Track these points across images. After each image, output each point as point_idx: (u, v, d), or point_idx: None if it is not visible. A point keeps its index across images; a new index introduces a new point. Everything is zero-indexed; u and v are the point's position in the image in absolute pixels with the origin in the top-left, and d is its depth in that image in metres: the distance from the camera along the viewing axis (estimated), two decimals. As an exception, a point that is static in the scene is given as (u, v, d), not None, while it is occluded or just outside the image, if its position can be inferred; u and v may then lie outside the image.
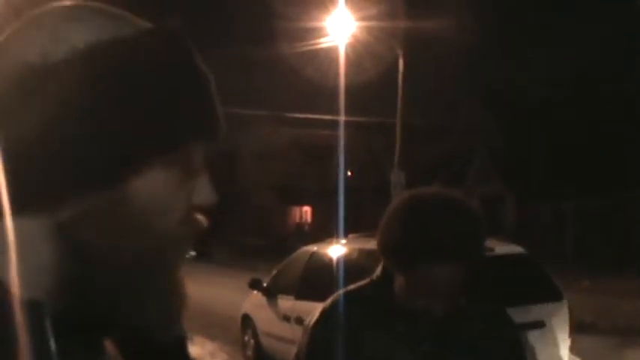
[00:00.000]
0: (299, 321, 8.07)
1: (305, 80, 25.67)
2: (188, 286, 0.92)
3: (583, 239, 23.56)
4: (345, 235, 9.41)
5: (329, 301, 2.20)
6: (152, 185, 0.83)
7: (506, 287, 6.52)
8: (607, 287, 16.14)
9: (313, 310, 2.29)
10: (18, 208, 0.80)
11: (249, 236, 41.26)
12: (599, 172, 25.98)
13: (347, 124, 21.10)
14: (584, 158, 27.27)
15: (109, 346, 0.90)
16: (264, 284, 10.17)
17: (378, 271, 2.17)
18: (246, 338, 10.94)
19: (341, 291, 2.21)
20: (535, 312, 6.88)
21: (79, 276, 0.81)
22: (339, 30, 19.67)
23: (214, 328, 13.53)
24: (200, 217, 0.91)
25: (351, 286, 2.22)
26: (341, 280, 7.12)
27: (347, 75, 19.36)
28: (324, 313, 2.17)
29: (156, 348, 0.95)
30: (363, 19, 19.66)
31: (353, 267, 7.26)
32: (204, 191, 0.90)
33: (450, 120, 34.31)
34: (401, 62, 20.00)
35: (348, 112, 20.27)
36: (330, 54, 20.36)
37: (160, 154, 0.83)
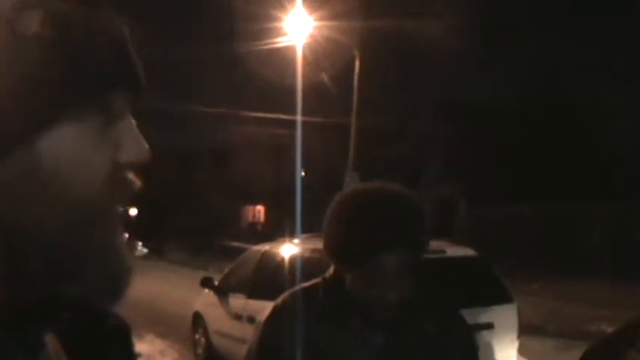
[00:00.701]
0: (250, 320, 8.05)
1: (262, 79, 25.63)
2: (139, 283, 0.87)
3: (534, 243, 23.86)
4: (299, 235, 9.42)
5: (281, 298, 2.20)
6: (65, 143, 0.74)
7: (457, 289, 6.57)
8: (556, 291, 16.39)
9: (265, 309, 2.28)
10: None
11: (202, 234, 41.04)
12: (551, 178, 26.37)
13: (302, 123, 21.14)
14: (537, 163, 27.64)
15: (50, 341, 0.83)
16: (216, 283, 10.14)
17: (331, 270, 2.18)
18: (197, 336, 10.88)
19: (293, 289, 2.22)
20: (485, 314, 6.94)
21: (4, 260, 0.73)
22: (296, 30, 19.69)
23: (165, 325, 13.44)
24: (132, 176, 0.82)
25: (304, 284, 2.23)
26: (293, 279, 7.12)
27: (304, 75, 19.38)
28: (276, 310, 2.17)
29: (99, 340, 0.91)
30: (321, 19, 19.71)
31: (305, 266, 7.26)
32: (132, 146, 0.81)
33: (406, 122, 34.51)
34: (357, 63, 20.07)
35: (303, 112, 20.32)
36: (287, 54, 20.36)
37: (68, 106, 0.74)
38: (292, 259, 8.06)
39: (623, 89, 28.34)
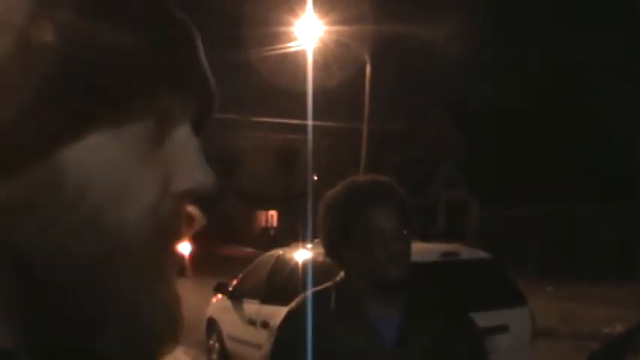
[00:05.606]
0: (264, 325, 8.05)
1: (272, 84, 25.66)
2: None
3: (547, 245, 23.78)
4: (311, 239, 9.42)
5: (295, 302, 2.24)
6: (97, 156, 0.61)
7: (471, 291, 6.56)
8: (569, 293, 16.33)
9: (279, 314, 2.31)
10: None
11: (214, 240, 41.09)
12: (563, 180, 26.27)
13: (313, 128, 21.16)
14: (549, 165, 27.55)
15: None
16: (230, 288, 10.14)
17: (342, 273, 2.24)
18: (211, 342, 10.89)
19: (307, 292, 2.25)
20: (499, 316, 6.93)
21: (16, 294, 0.60)
22: (307, 34, 19.69)
23: (179, 331, 13.42)
24: (191, 210, 0.68)
25: (317, 288, 2.26)
26: (306, 284, 7.12)
27: (314, 79, 19.38)
28: (290, 314, 2.21)
29: None
30: (331, 23, 19.72)
31: (318, 271, 7.27)
32: (190, 171, 0.65)
33: (417, 127, 34.50)
34: (368, 68, 20.07)
35: (314, 117, 20.33)
36: (297, 58, 20.38)
37: (96, 115, 0.61)
38: (306, 264, 8.06)
39: (632, 89, 28.23)
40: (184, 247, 0.69)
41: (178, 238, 0.67)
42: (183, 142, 0.66)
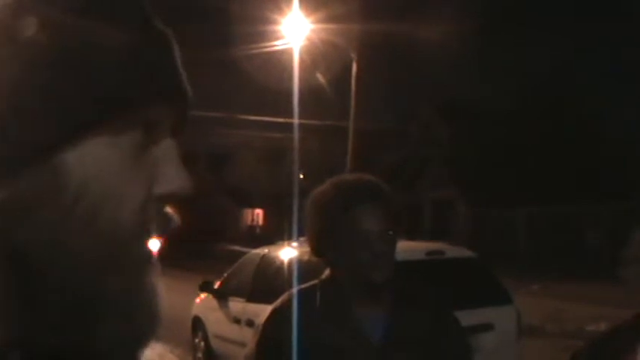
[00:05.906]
0: (250, 323, 8.04)
1: (258, 82, 25.62)
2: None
3: (533, 244, 23.85)
4: (297, 238, 9.41)
5: (279, 300, 2.25)
6: (96, 160, 0.64)
7: (456, 290, 6.56)
8: (556, 291, 16.39)
9: (264, 312, 2.31)
10: None
11: (200, 238, 41.02)
12: (551, 180, 26.37)
13: (300, 126, 21.13)
14: (536, 165, 27.64)
15: None
16: (215, 286, 10.11)
17: (327, 271, 2.24)
18: (197, 341, 10.87)
19: (291, 290, 2.24)
20: (484, 315, 6.93)
21: (17, 294, 0.63)
22: (293, 33, 19.68)
23: (164, 330, 13.23)
24: (170, 212, 0.71)
25: (302, 286, 2.26)
26: (292, 283, 7.10)
27: (301, 78, 19.36)
28: (275, 312, 2.21)
29: None
30: (318, 21, 19.71)
31: (304, 270, 7.26)
32: (172, 177, 0.69)
33: (405, 125, 34.52)
34: (354, 66, 20.07)
35: (301, 115, 20.32)
36: (284, 56, 20.36)
37: (96, 119, 0.63)
38: (291, 263, 8.04)
39: (622, 89, 28.43)
40: (154, 244, 0.72)
41: (158, 236, 0.71)
42: (165, 148, 0.70)
